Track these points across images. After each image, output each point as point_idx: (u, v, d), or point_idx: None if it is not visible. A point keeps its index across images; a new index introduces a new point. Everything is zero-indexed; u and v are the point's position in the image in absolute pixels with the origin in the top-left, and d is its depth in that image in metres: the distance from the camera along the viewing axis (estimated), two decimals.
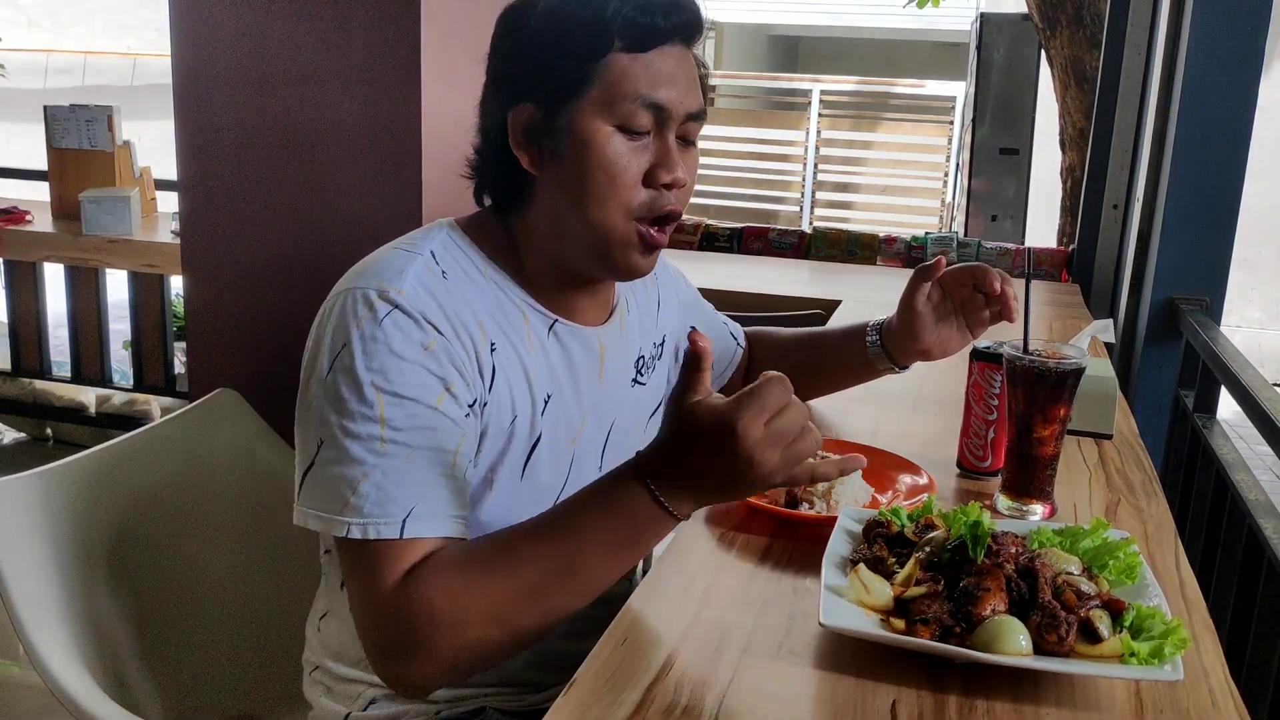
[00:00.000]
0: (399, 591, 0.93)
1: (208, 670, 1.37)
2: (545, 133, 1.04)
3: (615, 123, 1.03)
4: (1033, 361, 1.15)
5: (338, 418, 0.96)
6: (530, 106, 1.05)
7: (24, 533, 1.19)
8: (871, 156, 9.37)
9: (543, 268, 1.10)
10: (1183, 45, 2.36)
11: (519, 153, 1.06)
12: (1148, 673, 0.82)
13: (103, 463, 1.31)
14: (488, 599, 0.93)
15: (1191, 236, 2.40)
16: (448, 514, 0.97)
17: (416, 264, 1.03)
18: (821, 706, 0.83)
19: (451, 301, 1.01)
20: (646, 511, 0.92)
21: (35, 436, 4.04)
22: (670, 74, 1.04)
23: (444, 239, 1.08)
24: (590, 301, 1.15)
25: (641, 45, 1.03)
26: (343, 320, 0.98)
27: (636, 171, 1.04)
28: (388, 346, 0.96)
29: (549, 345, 1.10)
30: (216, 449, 1.46)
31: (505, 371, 1.04)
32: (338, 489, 0.95)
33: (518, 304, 1.08)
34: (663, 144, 1.05)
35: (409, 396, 0.96)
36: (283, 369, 2.15)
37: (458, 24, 2.03)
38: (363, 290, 0.99)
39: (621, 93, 1.02)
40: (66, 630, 1.18)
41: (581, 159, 1.03)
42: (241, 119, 2.05)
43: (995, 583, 0.89)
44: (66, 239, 3.45)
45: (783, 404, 0.90)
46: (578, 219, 1.05)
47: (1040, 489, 1.18)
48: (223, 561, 1.42)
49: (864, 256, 3.30)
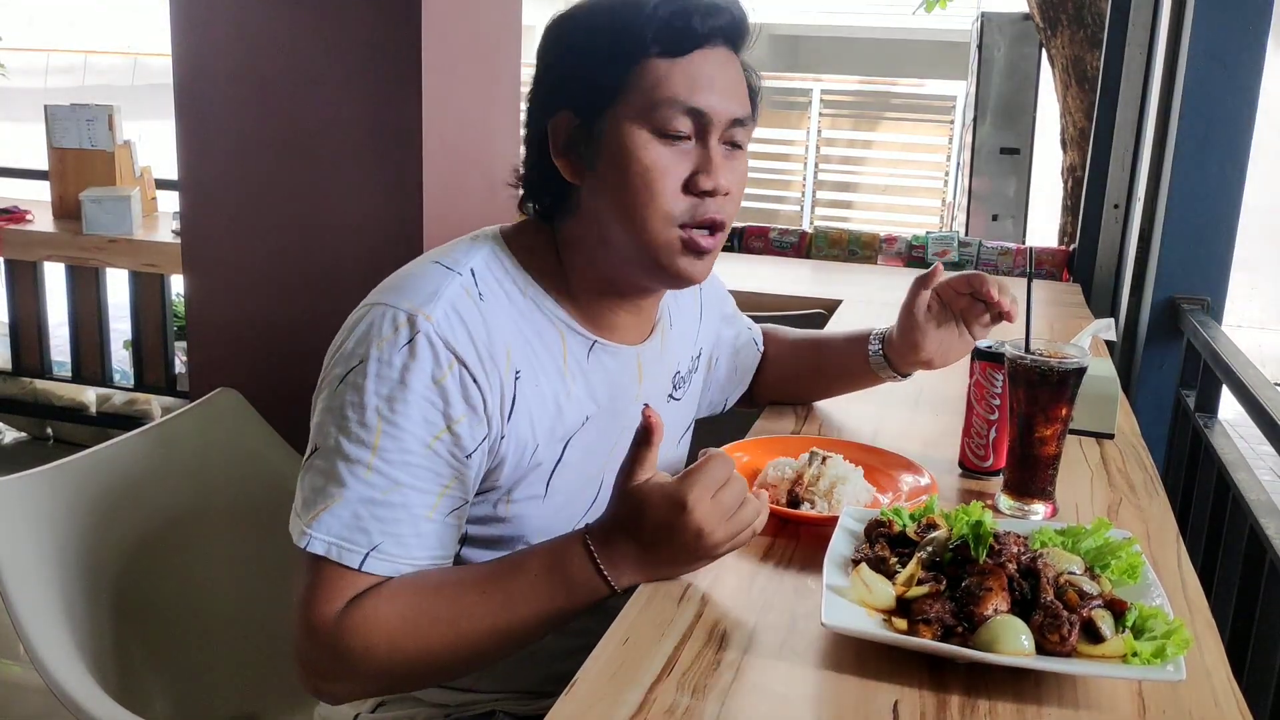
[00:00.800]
0: (340, 617, 0.95)
1: (209, 670, 1.37)
2: (585, 141, 1.04)
3: (653, 129, 1.01)
4: (1035, 361, 1.14)
5: (336, 431, 0.97)
6: (569, 114, 1.04)
7: (24, 532, 1.19)
8: (872, 156, 9.37)
9: (587, 281, 1.09)
10: (1184, 45, 2.36)
11: (559, 161, 1.06)
12: (1150, 673, 0.82)
13: (103, 462, 1.31)
14: (423, 644, 0.96)
15: (1193, 236, 2.40)
16: (409, 558, 0.98)
17: (453, 286, 1.02)
18: (823, 706, 0.83)
19: (482, 328, 1.01)
20: (584, 578, 0.96)
21: (36, 436, 4.04)
22: (710, 78, 1.03)
23: (487, 254, 1.07)
24: (634, 319, 1.14)
25: (679, 49, 1.02)
26: (366, 336, 0.99)
27: (676, 178, 1.03)
28: (401, 375, 0.96)
29: (588, 367, 1.10)
30: (217, 449, 1.46)
31: (529, 399, 1.04)
32: (315, 498, 0.97)
33: (556, 325, 1.08)
34: (704, 150, 1.03)
35: (407, 429, 0.96)
36: (283, 368, 2.15)
37: (458, 24, 2.03)
38: (393, 310, 0.99)
39: (658, 98, 1.01)
40: (67, 630, 1.18)
41: (620, 166, 1.02)
42: (242, 119, 2.05)
43: (997, 582, 0.89)
44: (67, 238, 3.45)
45: (726, 478, 0.95)
46: (620, 227, 1.04)
47: (1042, 489, 1.18)
48: (224, 561, 1.42)
49: (864, 256, 3.30)
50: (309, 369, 2.19)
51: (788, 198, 9.34)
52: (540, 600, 0.97)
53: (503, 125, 2.27)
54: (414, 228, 1.98)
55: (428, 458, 0.97)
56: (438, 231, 2.02)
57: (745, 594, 0.98)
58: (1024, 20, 4.76)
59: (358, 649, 0.95)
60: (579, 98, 1.03)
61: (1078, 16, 4.09)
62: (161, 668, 1.32)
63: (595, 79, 1.02)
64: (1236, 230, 2.40)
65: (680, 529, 0.93)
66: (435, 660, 0.97)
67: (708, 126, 1.03)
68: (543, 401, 1.05)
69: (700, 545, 0.94)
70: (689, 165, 1.03)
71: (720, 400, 1.47)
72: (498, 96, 2.23)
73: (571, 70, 1.04)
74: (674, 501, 0.93)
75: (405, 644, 0.96)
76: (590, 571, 0.96)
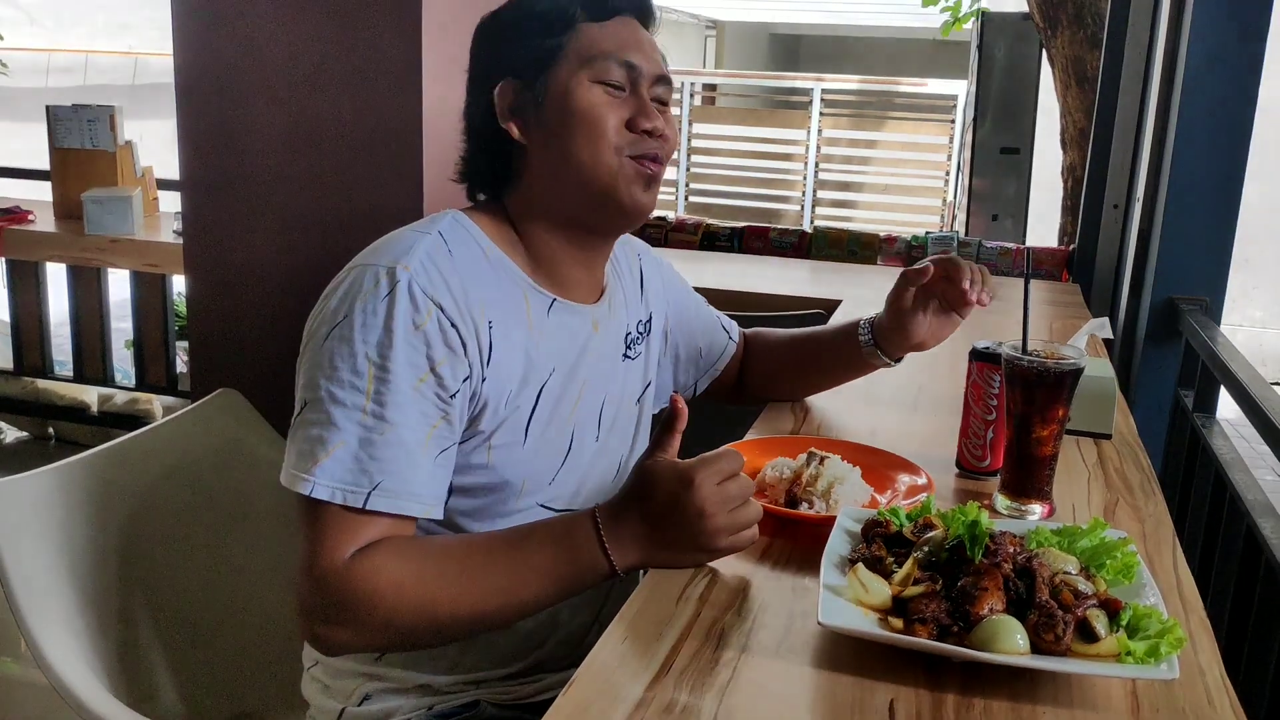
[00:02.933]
0: (347, 566, 0.98)
1: (209, 669, 1.38)
2: (529, 101, 1.14)
3: (592, 77, 1.13)
4: (1031, 362, 1.15)
5: (326, 382, 1.01)
6: (511, 81, 1.15)
7: (27, 532, 1.20)
8: (873, 155, 9.37)
9: (541, 245, 1.18)
10: (1183, 45, 2.36)
11: (508, 126, 1.15)
12: (1144, 671, 0.83)
13: (105, 462, 1.32)
14: (427, 599, 0.99)
15: (1192, 236, 2.40)
16: (410, 493, 1.02)
17: (426, 241, 1.09)
18: (820, 705, 0.83)
19: (457, 277, 1.07)
20: (589, 552, 1.01)
21: (37, 436, 4.05)
22: (634, 40, 1.16)
23: (450, 222, 1.15)
24: (587, 275, 1.22)
25: (601, 14, 1.15)
26: (349, 293, 1.05)
27: (618, 119, 1.13)
28: (386, 322, 1.02)
29: (549, 323, 1.16)
30: (218, 449, 1.46)
31: (503, 348, 1.09)
32: (312, 448, 1.00)
33: (519, 284, 1.15)
34: (639, 99, 1.15)
35: (395, 373, 1.01)
36: (285, 368, 2.15)
37: (458, 24, 2.04)
38: (372, 267, 1.06)
39: (594, 53, 1.13)
40: (69, 629, 1.18)
41: (568, 109, 1.12)
42: (244, 119, 2.05)
43: (993, 582, 0.89)
44: (69, 239, 3.46)
45: (735, 471, 1.01)
46: (572, 167, 1.13)
47: (1039, 489, 1.19)
48: (224, 560, 1.43)
49: (865, 256, 3.31)
50: None
51: (788, 197, 9.34)
52: (544, 570, 1.01)
53: None
54: None
55: (416, 399, 1.02)
56: None
57: (743, 593, 0.99)
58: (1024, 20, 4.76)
59: (363, 596, 0.97)
60: (520, 64, 1.14)
61: (1078, 16, 4.10)
62: (163, 666, 1.32)
63: (534, 45, 1.14)
64: (1235, 231, 2.40)
65: (683, 505, 0.98)
66: (436, 618, 1.00)
67: (638, 79, 1.14)
68: (514, 350, 1.11)
69: (700, 527, 0.98)
70: (627, 111, 1.14)
71: (689, 382, 1.49)
72: None
73: (510, 44, 1.15)
74: (682, 478, 0.99)
75: (410, 598, 0.98)
76: (595, 546, 1.00)
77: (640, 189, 1.15)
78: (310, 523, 1.00)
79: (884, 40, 11.95)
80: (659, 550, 1.01)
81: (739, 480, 1.01)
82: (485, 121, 1.17)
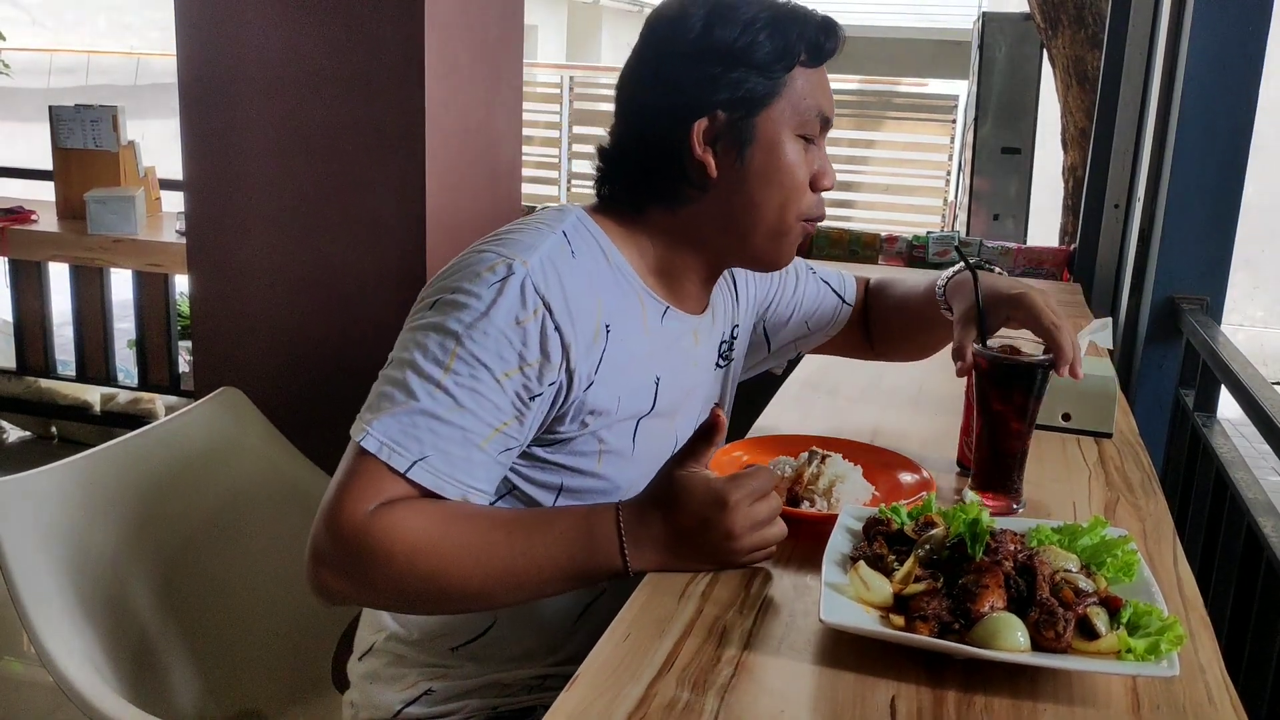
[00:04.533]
0: (369, 516, 0.98)
1: (214, 666, 1.38)
2: (730, 139, 1.11)
3: (798, 132, 1.12)
4: (993, 356, 1.16)
5: (415, 348, 1.02)
6: (719, 114, 1.11)
7: (30, 531, 1.20)
8: (874, 155, 9.36)
9: (671, 261, 1.18)
10: (1184, 45, 2.36)
11: (704, 158, 1.11)
12: (1144, 669, 0.83)
13: (107, 461, 1.32)
14: (439, 565, 0.99)
15: (1192, 236, 2.40)
16: (454, 477, 1.01)
17: (550, 240, 1.09)
18: (822, 702, 0.83)
19: (575, 280, 1.07)
20: (606, 548, 1.01)
21: (40, 435, 4.06)
22: (829, 89, 1.16)
23: (575, 221, 1.14)
24: (701, 292, 1.23)
25: (816, 61, 1.14)
26: (465, 271, 1.05)
27: (806, 176, 1.14)
28: (487, 308, 1.02)
29: (660, 330, 1.16)
30: (220, 448, 1.47)
31: (616, 353, 1.10)
32: (379, 403, 1.01)
33: (636, 290, 1.15)
34: (821, 152, 1.16)
35: (481, 361, 1.01)
36: (287, 367, 2.16)
37: (461, 24, 2.04)
38: (493, 253, 1.06)
39: (805, 104, 1.12)
40: (73, 627, 1.19)
41: (769, 164, 1.12)
42: (246, 119, 2.06)
43: (994, 580, 0.90)
44: (72, 238, 3.46)
45: (767, 491, 1.01)
46: (755, 219, 1.13)
47: (1004, 484, 1.19)
48: (225, 559, 1.43)
49: (866, 256, 3.31)
50: (312, 368, 2.21)
51: None
52: (559, 557, 1.01)
53: (504, 124, 2.28)
54: (417, 226, 1.99)
55: (494, 391, 1.01)
56: (441, 229, 2.03)
57: (745, 591, 0.99)
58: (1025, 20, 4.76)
59: (378, 551, 0.97)
60: (735, 99, 1.10)
61: (1078, 17, 4.10)
62: (167, 664, 1.33)
63: (752, 84, 1.10)
64: (1236, 230, 2.40)
65: (713, 525, 0.99)
66: (444, 586, 1.00)
67: (825, 131, 1.15)
68: (627, 356, 1.11)
69: (724, 546, 1.00)
70: (813, 164, 1.14)
71: (794, 355, 1.49)
72: (499, 95, 2.24)
73: (726, 71, 1.10)
74: (716, 497, 0.99)
75: (423, 560, 0.98)
76: (613, 543, 1.00)
77: (795, 248, 1.17)
78: (349, 467, 1.00)
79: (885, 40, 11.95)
80: (676, 559, 1.01)
81: (769, 502, 1.01)
82: (667, 140, 1.12)
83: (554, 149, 9.48)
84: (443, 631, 1.18)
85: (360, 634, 1.25)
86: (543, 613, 1.17)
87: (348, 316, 2.07)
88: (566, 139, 9.40)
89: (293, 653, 1.46)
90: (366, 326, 2.06)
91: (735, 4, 1.11)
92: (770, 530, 1.01)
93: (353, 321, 2.07)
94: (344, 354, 2.09)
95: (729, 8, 1.11)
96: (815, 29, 1.12)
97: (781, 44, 1.10)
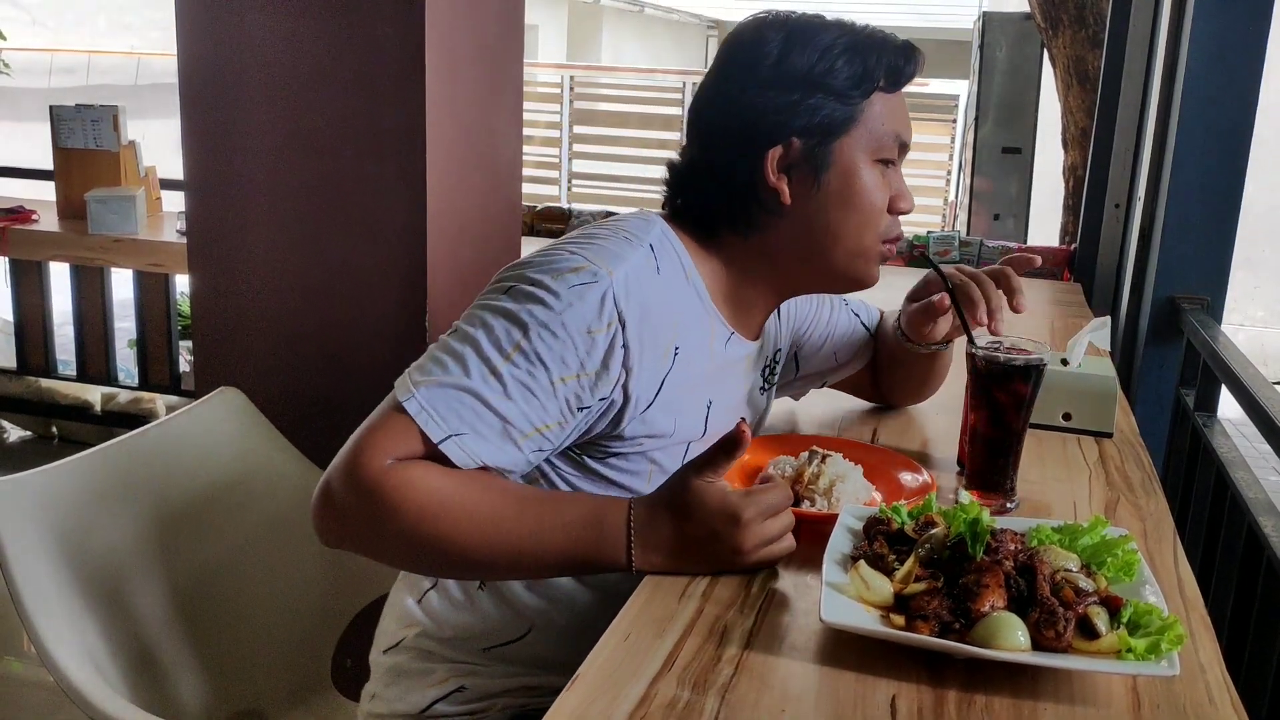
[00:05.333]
0: (386, 469, 0.98)
1: (213, 667, 1.38)
2: (807, 166, 1.11)
3: (875, 157, 1.12)
4: (983, 355, 1.17)
5: (483, 327, 1.01)
6: (795, 142, 1.10)
7: (30, 531, 1.20)
8: None
9: (743, 287, 1.17)
10: (1184, 45, 2.36)
11: (779, 185, 1.10)
12: (1144, 668, 0.83)
13: (108, 461, 1.32)
14: (446, 529, 0.99)
15: (1193, 235, 2.40)
16: (482, 460, 1.01)
17: (639, 253, 1.08)
18: (822, 702, 0.83)
19: (657, 298, 1.06)
20: (612, 543, 1.00)
21: (41, 435, 4.06)
22: (907, 113, 1.15)
23: (660, 234, 1.12)
24: (757, 320, 1.22)
25: (895, 86, 1.13)
26: (549, 265, 1.04)
27: (884, 200, 1.14)
28: (559, 310, 1.01)
29: (722, 355, 1.16)
30: (220, 448, 1.47)
31: (680, 374, 1.09)
32: (434, 366, 1.01)
33: (708, 312, 1.14)
34: (899, 176, 1.16)
35: (543, 359, 1.00)
36: (287, 367, 2.16)
37: (462, 24, 2.04)
38: (583, 257, 1.05)
39: (882, 131, 1.12)
40: (74, 627, 1.19)
41: (846, 190, 1.11)
42: (247, 119, 2.06)
43: (994, 579, 0.90)
44: (72, 238, 3.47)
45: (780, 508, 1.01)
46: (835, 244, 1.13)
47: (997, 483, 1.19)
48: (226, 559, 1.43)
49: None
50: (312, 368, 2.21)
51: None
52: (565, 543, 1.01)
53: (505, 123, 2.28)
54: (417, 225, 1.99)
55: (546, 393, 1.01)
56: (441, 229, 2.03)
57: (745, 590, 0.99)
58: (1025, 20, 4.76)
59: (387, 504, 0.97)
60: (812, 127, 1.09)
61: (1079, 16, 4.10)
62: (168, 664, 1.33)
63: (830, 109, 1.09)
64: (1236, 230, 2.40)
65: (723, 539, 0.99)
66: (447, 550, 1.00)
67: (903, 154, 1.15)
68: (692, 379, 1.11)
69: (730, 559, 1.00)
70: (890, 188, 1.14)
71: (820, 385, 1.49)
72: (500, 95, 2.24)
73: (804, 101, 1.09)
74: (730, 513, 0.99)
75: (430, 521, 0.98)
76: (621, 540, 1.00)
77: (878, 268, 1.17)
78: (382, 418, 1.00)
79: None
80: (680, 563, 1.01)
81: (781, 519, 1.01)
82: (741, 166, 1.11)
83: (554, 149, 9.49)
84: (476, 633, 1.17)
85: (385, 625, 1.24)
86: (578, 625, 1.16)
87: (348, 316, 2.07)
88: (567, 139, 9.40)
89: (293, 653, 1.46)
90: (367, 326, 2.06)
91: (813, 29, 1.10)
92: (778, 546, 1.01)
93: (354, 321, 2.07)
94: (345, 354, 2.09)
95: (807, 32, 1.10)
96: (894, 54, 1.11)
97: (860, 70, 1.09)
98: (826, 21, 1.12)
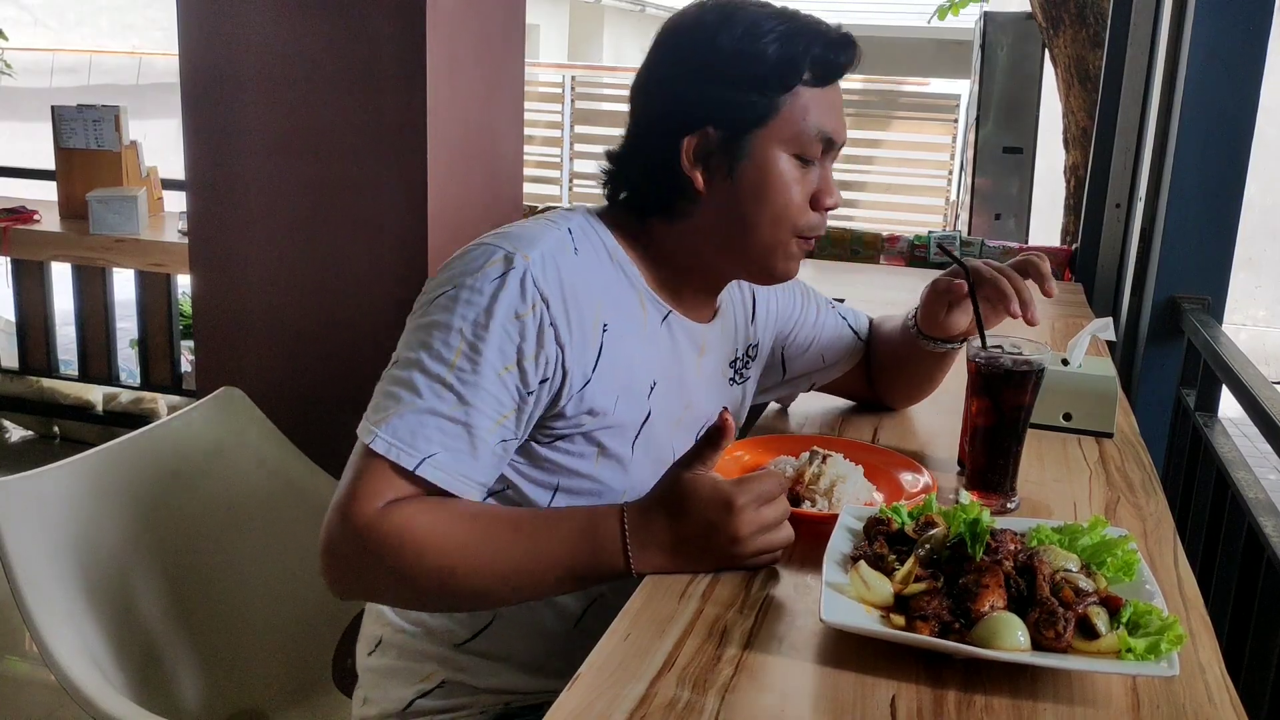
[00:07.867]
0: (379, 515, 0.99)
1: (213, 665, 1.38)
2: (722, 156, 1.11)
3: (794, 151, 1.11)
4: (984, 358, 1.17)
5: (419, 346, 1.03)
6: (711, 131, 1.10)
7: (32, 530, 1.20)
8: (876, 155, 9.36)
9: (672, 267, 1.17)
10: (1185, 44, 2.36)
11: (693, 174, 1.11)
12: (1144, 668, 0.83)
13: (109, 461, 1.33)
14: (446, 561, 1.00)
15: (1194, 235, 2.40)
16: (461, 473, 1.02)
17: (553, 235, 1.09)
18: (822, 702, 0.84)
19: (575, 277, 1.07)
20: (610, 549, 1.01)
21: (42, 434, 4.06)
22: (838, 108, 1.13)
23: (581, 220, 1.14)
24: (704, 300, 1.23)
25: (824, 80, 1.11)
26: (466, 266, 1.06)
27: (803, 195, 1.12)
28: (488, 303, 1.03)
29: (660, 334, 1.17)
30: (222, 447, 1.47)
31: (614, 352, 1.10)
32: (387, 402, 1.02)
33: (638, 291, 1.15)
34: (824, 171, 1.14)
35: (484, 355, 1.02)
36: (288, 367, 2.17)
37: (463, 24, 2.04)
38: (494, 247, 1.06)
39: (804, 124, 1.10)
40: (76, 626, 1.19)
41: (760, 183, 1.10)
42: (248, 118, 2.06)
43: (994, 580, 0.90)
44: (74, 238, 3.47)
45: (774, 495, 1.01)
46: (747, 236, 1.13)
47: (997, 484, 1.19)
48: (227, 558, 1.43)
49: (867, 255, 3.31)
50: (314, 367, 2.21)
51: None
52: (563, 557, 1.01)
53: (506, 123, 2.28)
54: (419, 225, 1.99)
55: (496, 385, 1.03)
56: (443, 228, 2.03)
57: (745, 591, 0.99)
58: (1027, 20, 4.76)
59: (387, 547, 0.99)
60: (728, 117, 1.09)
61: (1080, 16, 4.10)
62: (168, 663, 1.33)
63: (748, 101, 1.08)
64: (1237, 230, 2.40)
65: (719, 529, 0.99)
66: (451, 583, 1.01)
67: (831, 149, 1.13)
68: (624, 356, 1.11)
69: (729, 550, 0.99)
70: (812, 184, 1.13)
71: (806, 388, 1.48)
72: (501, 95, 2.24)
73: (723, 90, 1.09)
74: (723, 500, 0.99)
75: (430, 556, 0.99)
76: (617, 545, 1.01)
77: (795, 263, 1.17)
78: (358, 466, 1.02)
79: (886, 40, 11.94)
80: (681, 561, 1.01)
81: (776, 506, 1.01)
82: (661, 153, 1.11)
83: (556, 148, 9.49)
84: (443, 626, 1.18)
85: (365, 629, 1.25)
86: (541, 617, 1.17)
87: (349, 316, 2.07)
88: (568, 138, 9.40)
89: (293, 652, 1.46)
90: (368, 326, 2.06)
91: (748, 17, 1.09)
92: (777, 534, 1.01)
93: (354, 321, 2.07)
94: (345, 354, 2.09)
95: (739, 21, 1.09)
96: (825, 46, 1.09)
97: (786, 61, 1.08)
98: (766, 10, 1.10)
